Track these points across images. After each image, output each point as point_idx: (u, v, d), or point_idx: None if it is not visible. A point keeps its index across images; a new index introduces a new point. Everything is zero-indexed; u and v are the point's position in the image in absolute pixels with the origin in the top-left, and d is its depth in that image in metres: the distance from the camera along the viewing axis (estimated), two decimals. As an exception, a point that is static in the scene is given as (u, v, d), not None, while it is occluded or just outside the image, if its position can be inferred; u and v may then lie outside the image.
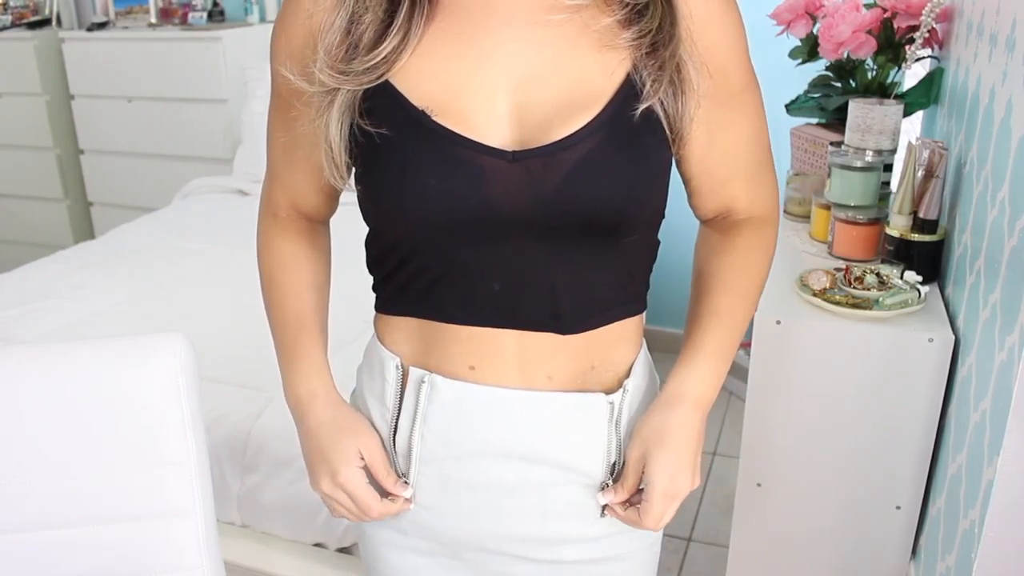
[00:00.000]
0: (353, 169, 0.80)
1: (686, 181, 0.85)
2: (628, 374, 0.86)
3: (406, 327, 0.84)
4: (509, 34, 0.75)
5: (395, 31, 0.73)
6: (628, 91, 0.74)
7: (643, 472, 0.82)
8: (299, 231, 0.91)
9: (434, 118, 0.73)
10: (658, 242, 0.86)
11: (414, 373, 0.84)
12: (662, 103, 0.74)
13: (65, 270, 2.42)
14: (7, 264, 2.86)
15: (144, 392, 1.03)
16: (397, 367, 0.85)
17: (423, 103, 0.74)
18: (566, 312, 0.79)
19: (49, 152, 3.45)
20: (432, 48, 0.75)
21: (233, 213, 2.79)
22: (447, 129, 0.73)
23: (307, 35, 0.76)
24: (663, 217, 0.82)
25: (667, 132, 0.76)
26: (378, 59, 0.74)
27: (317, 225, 0.93)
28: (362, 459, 0.84)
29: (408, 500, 0.86)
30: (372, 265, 0.85)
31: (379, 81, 0.74)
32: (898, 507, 1.39)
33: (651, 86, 0.73)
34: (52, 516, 1.04)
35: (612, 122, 0.74)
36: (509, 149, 0.73)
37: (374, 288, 0.86)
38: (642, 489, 0.82)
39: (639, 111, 0.74)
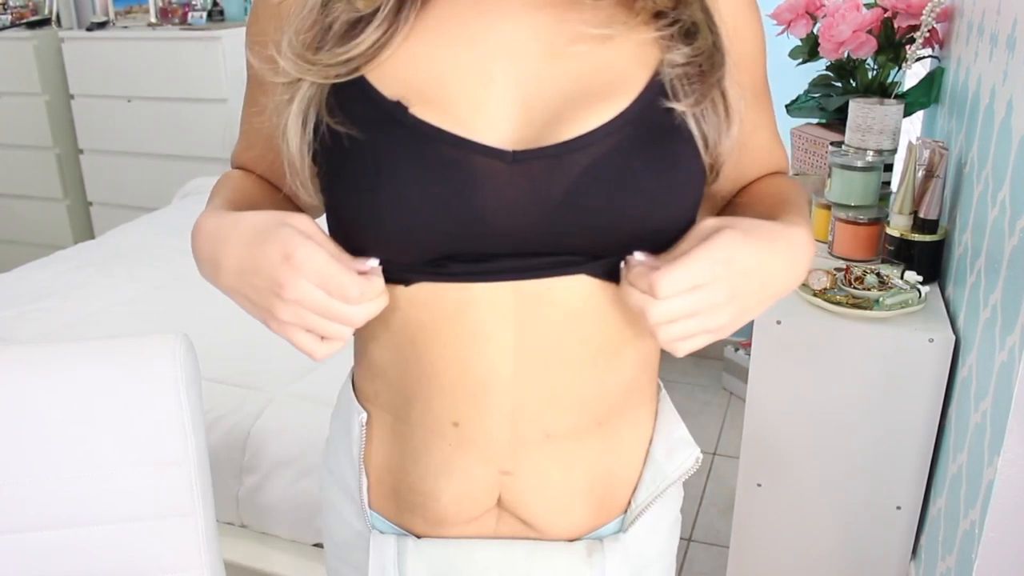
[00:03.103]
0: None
1: (712, 193, 0.77)
2: (644, 461, 0.76)
3: (384, 373, 0.71)
4: (507, 19, 0.64)
5: (378, 22, 0.62)
6: (659, 87, 0.63)
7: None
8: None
9: (411, 111, 0.62)
10: None
11: (381, 538, 0.75)
12: (700, 123, 0.64)
13: (65, 270, 2.42)
14: (7, 264, 2.86)
15: (144, 392, 1.03)
16: (361, 425, 0.74)
17: (398, 94, 0.62)
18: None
19: (49, 152, 3.44)
20: (412, 34, 0.64)
21: (233, 213, 2.78)
22: (427, 124, 0.61)
23: (276, 17, 0.67)
24: None
25: (702, 153, 0.66)
26: (351, 54, 0.62)
27: None
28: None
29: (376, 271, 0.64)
30: None
31: (352, 76, 0.63)
32: (898, 507, 1.39)
33: (694, 98, 0.63)
34: (52, 516, 1.03)
35: (639, 121, 0.62)
36: (509, 149, 0.61)
37: None
38: None
39: (672, 113, 0.63)
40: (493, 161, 0.61)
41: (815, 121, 1.85)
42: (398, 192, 0.61)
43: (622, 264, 0.63)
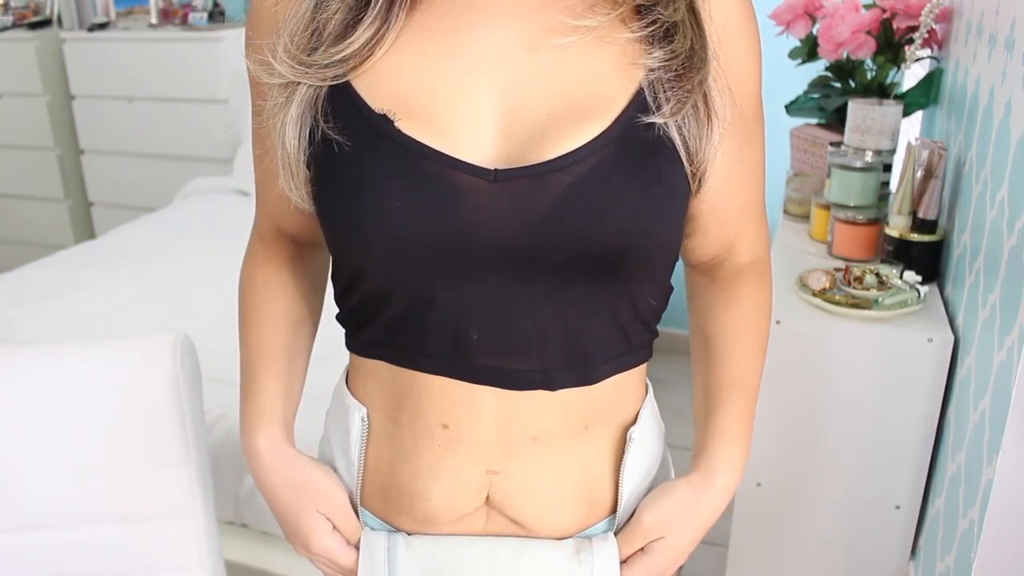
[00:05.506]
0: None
1: (689, 220, 0.73)
2: (626, 442, 0.75)
3: (376, 374, 0.73)
4: (493, 29, 0.64)
5: (369, 22, 0.63)
6: (641, 102, 0.63)
7: (654, 539, 0.74)
8: (283, 256, 0.82)
9: (397, 124, 0.63)
10: (671, 288, 0.73)
11: (372, 535, 0.75)
12: (681, 131, 0.64)
13: (65, 270, 2.42)
14: (7, 264, 2.86)
15: (144, 392, 1.03)
16: (362, 419, 0.75)
17: (385, 106, 0.63)
18: (557, 367, 0.68)
19: (50, 152, 3.45)
20: (400, 43, 0.65)
21: (233, 213, 2.78)
22: (412, 139, 0.62)
23: (273, 21, 0.67)
24: (677, 258, 0.72)
25: (684, 163, 0.65)
26: (346, 52, 0.63)
27: (308, 249, 0.82)
28: (329, 522, 0.76)
29: None
30: (337, 299, 0.75)
31: (346, 78, 0.64)
32: (898, 507, 1.39)
33: (672, 106, 0.63)
34: (52, 516, 1.04)
35: (622, 138, 0.63)
36: (492, 167, 0.62)
37: (342, 323, 0.76)
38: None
39: (655, 127, 0.63)
40: (476, 179, 0.62)
41: (814, 121, 1.85)
42: (381, 204, 0.62)
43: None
